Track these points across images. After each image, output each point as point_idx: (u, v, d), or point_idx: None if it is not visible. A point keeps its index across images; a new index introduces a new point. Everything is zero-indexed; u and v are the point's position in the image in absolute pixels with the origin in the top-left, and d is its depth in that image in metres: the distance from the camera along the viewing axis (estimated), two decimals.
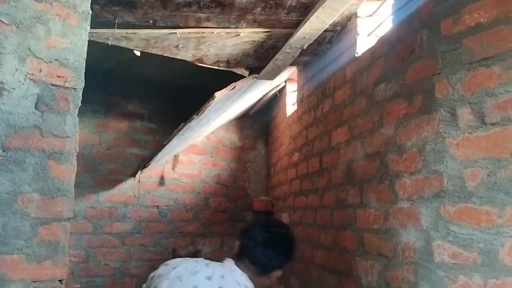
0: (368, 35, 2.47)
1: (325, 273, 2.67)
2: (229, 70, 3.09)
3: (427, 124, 1.70)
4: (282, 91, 4.18)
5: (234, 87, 2.62)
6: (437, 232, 1.60)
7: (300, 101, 3.53)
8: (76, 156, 1.70)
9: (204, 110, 2.63)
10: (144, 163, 3.66)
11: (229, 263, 1.64)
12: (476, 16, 1.53)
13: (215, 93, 2.49)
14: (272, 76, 3.05)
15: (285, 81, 4.05)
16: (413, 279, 1.70)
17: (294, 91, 3.87)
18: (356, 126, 2.35)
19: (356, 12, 2.47)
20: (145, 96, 4.11)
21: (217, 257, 4.27)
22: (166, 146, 3.15)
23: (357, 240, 2.25)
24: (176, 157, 4.17)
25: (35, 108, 1.62)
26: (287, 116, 3.95)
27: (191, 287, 1.50)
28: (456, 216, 1.52)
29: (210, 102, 2.54)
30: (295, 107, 3.76)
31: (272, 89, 4.00)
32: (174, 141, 3.14)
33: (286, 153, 3.86)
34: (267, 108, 4.57)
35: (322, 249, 2.76)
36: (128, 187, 3.94)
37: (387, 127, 2.00)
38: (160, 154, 3.35)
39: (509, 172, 1.36)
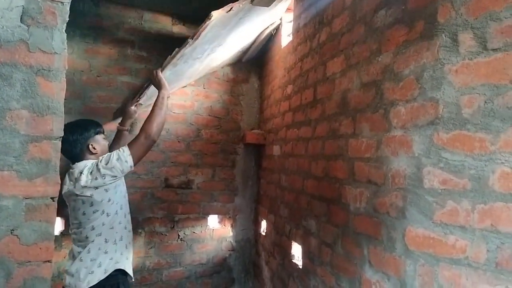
0: None
1: (314, 201, 2.72)
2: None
3: (426, 51, 1.66)
4: (277, 29, 4.06)
5: (231, 8, 2.48)
6: (428, 158, 1.61)
7: (296, 31, 3.43)
8: (66, 81, 1.64)
9: (200, 32, 2.52)
10: (137, 95, 3.50)
11: None
12: None
13: (212, 12, 2.38)
14: (268, 2, 2.93)
15: (281, 19, 3.91)
16: (401, 204, 1.73)
17: (290, 21, 3.75)
18: (353, 55, 2.30)
19: None
20: (136, 22, 3.96)
21: (208, 187, 4.34)
22: None
23: (347, 169, 2.27)
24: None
25: (21, 21, 1.54)
26: (282, 48, 3.85)
27: None
28: (449, 143, 1.52)
29: (207, 23, 2.43)
30: (290, 38, 3.66)
31: (267, 27, 3.88)
32: (167, 73, 3.04)
33: (280, 85, 3.81)
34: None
35: (312, 179, 2.79)
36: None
37: (385, 55, 1.96)
38: (152, 89, 3.19)
39: (507, 99, 1.34)
